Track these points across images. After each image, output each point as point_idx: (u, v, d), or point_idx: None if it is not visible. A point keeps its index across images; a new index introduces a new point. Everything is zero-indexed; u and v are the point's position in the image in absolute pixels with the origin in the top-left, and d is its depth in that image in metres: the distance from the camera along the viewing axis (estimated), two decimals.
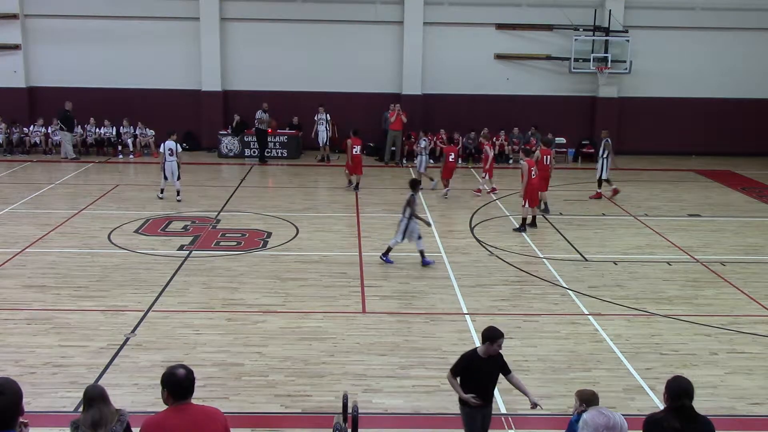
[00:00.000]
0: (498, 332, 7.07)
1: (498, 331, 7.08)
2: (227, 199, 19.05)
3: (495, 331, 7.06)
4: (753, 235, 16.61)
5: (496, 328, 7.11)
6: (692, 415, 5.53)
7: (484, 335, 7.10)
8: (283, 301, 12.09)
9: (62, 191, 19.72)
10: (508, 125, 24.82)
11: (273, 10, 25.03)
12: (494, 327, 7.16)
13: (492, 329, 7.11)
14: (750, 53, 25.56)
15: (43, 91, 25.35)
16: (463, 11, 25.13)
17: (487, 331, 7.12)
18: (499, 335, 7.06)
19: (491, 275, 13.50)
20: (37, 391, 8.85)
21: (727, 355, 10.36)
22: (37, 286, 12.49)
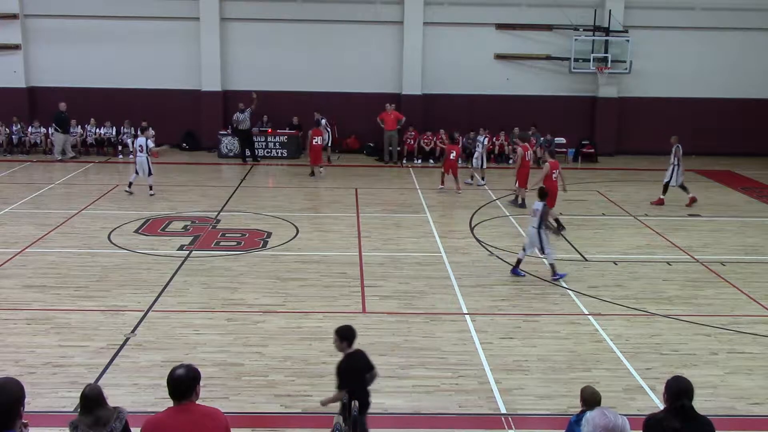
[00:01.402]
0: (353, 330, 7.32)
1: (352, 329, 7.32)
2: (227, 199, 19.05)
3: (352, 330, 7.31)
4: (753, 235, 16.61)
5: (350, 327, 7.35)
6: (692, 415, 5.53)
7: (350, 336, 7.26)
8: (283, 301, 12.09)
9: (62, 191, 19.72)
10: (508, 125, 24.80)
11: (273, 10, 25.03)
12: (350, 326, 7.37)
13: (349, 329, 7.32)
14: (750, 53, 25.56)
15: (43, 91, 25.34)
16: (463, 11, 25.13)
17: (349, 331, 7.30)
18: (355, 333, 7.30)
19: (491, 275, 13.50)
20: (37, 391, 8.85)
21: (727, 355, 10.36)
22: (37, 286, 12.48)
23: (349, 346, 7.27)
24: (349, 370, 7.15)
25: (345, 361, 7.22)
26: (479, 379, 9.53)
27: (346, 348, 7.26)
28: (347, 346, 7.26)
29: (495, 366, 9.85)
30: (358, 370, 7.24)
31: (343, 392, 7.07)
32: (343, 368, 7.17)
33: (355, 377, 7.16)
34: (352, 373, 7.15)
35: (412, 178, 22.31)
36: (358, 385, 7.18)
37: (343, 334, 7.26)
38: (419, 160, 24.69)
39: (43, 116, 24.76)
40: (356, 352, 7.32)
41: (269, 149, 24.83)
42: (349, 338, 7.25)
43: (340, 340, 7.27)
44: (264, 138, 24.79)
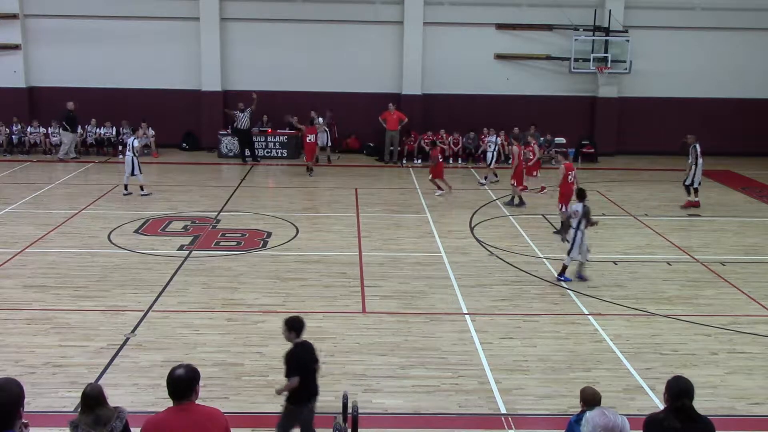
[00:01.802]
0: (302, 321, 7.38)
1: (301, 320, 7.39)
2: (227, 199, 19.05)
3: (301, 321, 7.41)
4: (753, 235, 16.61)
5: (299, 318, 7.43)
6: (692, 415, 5.53)
7: (298, 327, 7.36)
8: (283, 301, 12.09)
9: (62, 191, 19.72)
10: (508, 125, 24.77)
11: (273, 10, 25.02)
12: (298, 317, 7.47)
13: (298, 319, 7.41)
14: (750, 53, 25.55)
15: (43, 91, 25.34)
16: (462, 11, 25.12)
17: (298, 322, 7.40)
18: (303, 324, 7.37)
19: (491, 275, 13.50)
20: (37, 391, 8.86)
21: (727, 355, 10.36)
22: (37, 286, 12.48)
23: (297, 336, 7.41)
24: (296, 359, 7.30)
25: (293, 351, 7.37)
26: (479, 379, 9.53)
27: (294, 338, 7.41)
28: (295, 337, 7.41)
29: (495, 366, 9.85)
30: (306, 360, 7.38)
31: (296, 379, 7.20)
32: (290, 357, 7.31)
33: (303, 366, 7.31)
34: (299, 362, 7.29)
35: (412, 178, 22.31)
36: (306, 374, 7.33)
37: (291, 324, 7.40)
38: (419, 160, 24.69)
39: (43, 116, 24.77)
40: (304, 343, 7.46)
41: (269, 149, 24.82)
42: (297, 329, 7.40)
43: (288, 331, 7.41)
44: (264, 138, 24.79)
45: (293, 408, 7.41)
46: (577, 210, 12.95)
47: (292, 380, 7.20)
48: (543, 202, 19.21)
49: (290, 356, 7.31)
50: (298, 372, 7.22)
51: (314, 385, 7.51)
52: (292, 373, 7.22)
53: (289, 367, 7.26)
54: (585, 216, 12.90)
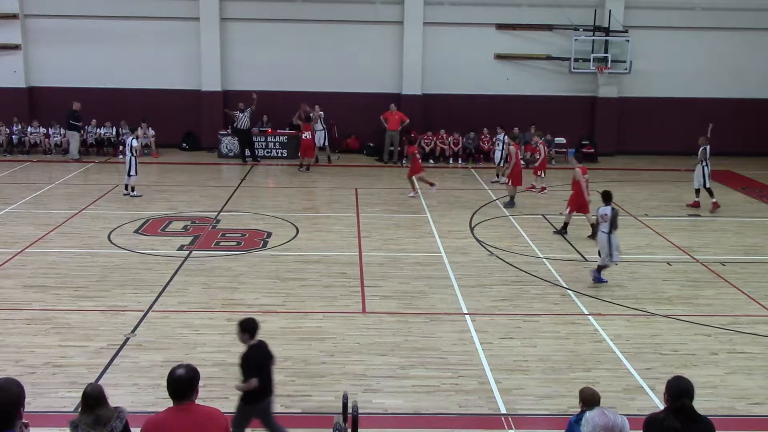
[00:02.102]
0: (255, 322, 7.47)
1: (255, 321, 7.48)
2: (227, 199, 19.05)
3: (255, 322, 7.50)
4: (753, 235, 16.62)
5: (253, 320, 7.51)
6: (692, 415, 5.53)
7: (251, 328, 7.44)
8: (283, 301, 12.09)
9: (62, 191, 19.72)
10: (508, 125, 24.76)
11: (273, 10, 25.02)
12: (252, 318, 7.55)
13: (252, 321, 7.49)
14: (750, 53, 25.55)
15: (43, 91, 25.34)
16: (463, 11, 25.12)
17: (251, 323, 7.48)
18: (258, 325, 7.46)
19: (491, 275, 13.50)
20: (37, 391, 8.85)
21: (727, 355, 10.36)
22: (37, 286, 12.49)
23: (251, 337, 7.45)
24: (252, 361, 7.35)
25: (248, 353, 7.41)
26: (479, 379, 9.53)
27: (248, 340, 7.46)
28: (249, 338, 7.46)
29: (495, 366, 9.86)
30: (261, 361, 7.43)
31: (254, 381, 7.25)
32: (246, 360, 7.37)
33: (259, 367, 7.36)
34: (255, 364, 7.35)
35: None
36: (262, 374, 7.37)
37: (244, 326, 7.46)
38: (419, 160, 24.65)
39: (43, 116, 24.77)
40: (258, 343, 7.51)
41: (269, 149, 24.82)
42: (250, 330, 7.45)
43: (242, 332, 7.47)
44: (264, 138, 24.79)
45: (248, 407, 7.49)
46: (606, 213, 12.74)
47: (251, 382, 7.26)
48: (543, 202, 19.22)
49: (246, 359, 7.37)
50: (255, 373, 7.27)
51: (270, 384, 7.58)
52: (249, 375, 7.28)
53: (246, 369, 7.32)
54: (614, 219, 12.74)
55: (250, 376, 7.27)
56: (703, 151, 18.64)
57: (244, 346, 7.50)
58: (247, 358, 7.37)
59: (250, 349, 7.41)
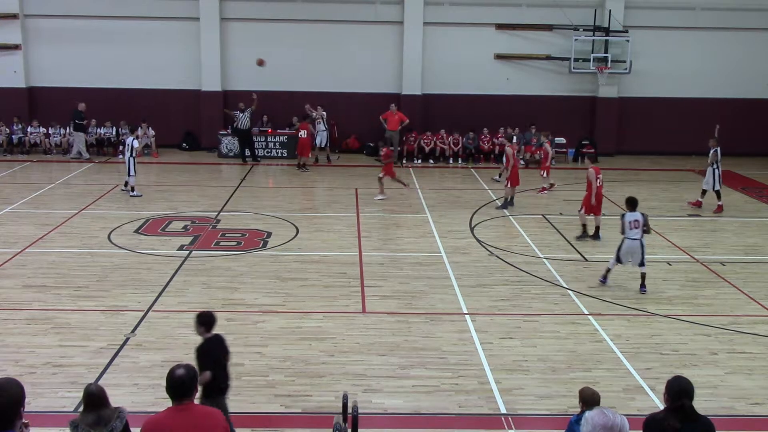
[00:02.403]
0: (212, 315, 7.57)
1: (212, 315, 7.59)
2: (227, 199, 19.05)
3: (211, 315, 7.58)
4: (753, 235, 16.62)
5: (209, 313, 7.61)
6: (692, 415, 5.54)
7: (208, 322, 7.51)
8: (283, 301, 12.09)
9: (62, 191, 19.71)
10: (508, 125, 24.79)
11: (273, 10, 25.02)
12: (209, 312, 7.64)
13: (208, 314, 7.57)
14: (750, 53, 25.55)
15: (43, 91, 25.35)
16: (463, 11, 25.13)
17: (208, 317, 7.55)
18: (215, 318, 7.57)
19: (491, 275, 13.50)
20: (37, 391, 8.85)
21: (727, 355, 10.36)
22: (37, 286, 12.49)
23: (207, 331, 7.51)
24: (207, 354, 7.40)
25: (203, 346, 7.47)
26: (479, 379, 9.53)
27: (205, 333, 7.52)
28: (205, 331, 7.51)
29: (495, 366, 9.86)
30: (216, 354, 7.47)
31: (207, 373, 7.27)
32: (201, 352, 7.42)
33: (214, 360, 7.40)
34: (210, 356, 7.39)
35: (412, 178, 22.29)
36: (217, 367, 7.41)
37: (201, 319, 7.54)
38: (419, 160, 24.70)
39: (43, 116, 24.78)
40: (214, 336, 7.55)
41: (269, 149, 24.82)
42: (206, 324, 7.51)
43: (199, 325, 7.53)
44: (264, 138, 24.79)
45: (206, 402, 7.48)
46: (638, 219, 12.59)
47: (204, 375, 7.29)
48: (544, 203, 19.21)
49: (200, 351, 7.44)
50: (209, 366, 7.32)
51: (226, 378, 7.63)
52: (204, 368, 7.31)
53: (200, 362, 7.36)
54: (645, 224, 12.62)
55: (204, 369, 7.31)
56: (714, 153, 18.53)
57: (201, 338, 7.57)
58: (202, 350, 7.43)
59: (205, 342, 7.49)
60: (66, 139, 24.53)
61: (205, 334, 7.50)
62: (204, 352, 7.40)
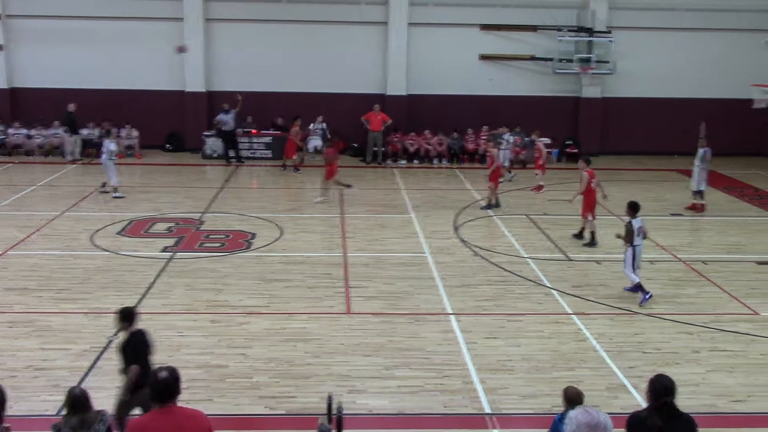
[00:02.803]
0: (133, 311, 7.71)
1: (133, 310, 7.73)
2: (211, 200, 18.98)
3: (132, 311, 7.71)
4: (734, 234, 16.75)
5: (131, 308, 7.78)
6: (675, 413, 5.58)
7: (129, 317, 7.64)
8: (268, 302, 12.06)
9: (44, 193, 19.56)
10: (492, 126, 24.84)
11: (257, 11, 24.95)
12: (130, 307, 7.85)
13: (130, 310, 7.72)
14: (731, 53, 25.74)
15: (26, 92, 25.14)
16: (447, 12, 25.17)
17: (130, 312, 7.68)
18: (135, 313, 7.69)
19: (475, 275, 13.53)
20: (19, 394, 8.77)
21: (708, 353, 10.44)
22: (18, 289, 12.38)
23: (130, 326, 7.58)
24: (131, 349, 7.48)
25: (126, 341, 7.54)
26: (464, 379, 9.55)
27: (127, 328, 7.60)
28: (128, 327, 7.59)
29: (479, 366, 9.88)
30: (139, 348, 7.54)
31: (135, 367, 7.34)
32: (125, 348, 7.50)
33: (137, 354, 7.47)
34: (133, 351, 7.46)
35: (397, 178, 22.32)
36: (141, 361, 7.46)
37: (123, 315, 7.63)
38: (404, 161, 24.72)
39: (26, 117, 24.59)
40: (137, 331, 7.63)
41: (254, 150, 24.75)
42: (128, 319, 7.61)
43: (121, 321, 7.62)
44: (248, 139, 24.72)
45: (133, 396, 7.57)
46: (642, 226, 12.31)
47: (131, 369, 7.36)
48: (525, 203, 19.27)
49: (124, 347, 7.49)
50: (134, 361, 7.38)
51: (149, 371, 7.54)
52: (129, 362, 7.39)
53: (125, 357, 7.44)
54: (642, 231, 12.33)
55: (129, 363, 7.37)
56: (705, 153, 18.59)
57: (124, 334, 7.63)
58: (125, 345, 7.49)
59: (130, 337, 7.54)
60: (49, 140, 24.34)
61: (128, 329, 7.57)
62: (128, 347, 7.47)
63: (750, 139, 26.23)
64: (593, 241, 15.46)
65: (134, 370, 7.29)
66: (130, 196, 19.00)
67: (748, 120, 25.22)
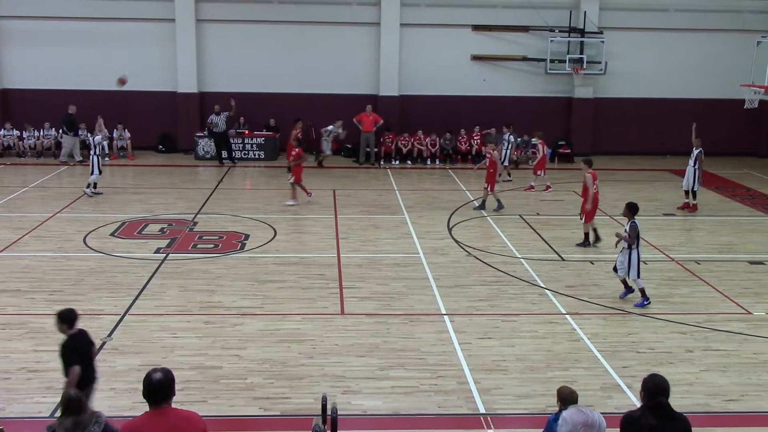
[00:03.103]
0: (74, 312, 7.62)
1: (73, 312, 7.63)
2: (204, 201, 18.94)
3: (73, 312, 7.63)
4: (727, 234, 16.82)
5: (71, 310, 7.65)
6: (669, 413, 5.59)
7: (69, 319, 7.58)
8: (262, 303, 12.05)
9: (36, 194, 19.48)
10: (485, 126, 24.88)
11: (249, 12, 24.92)
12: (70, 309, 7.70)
13: (70, 312, 7.63)
14: (722, 54, 25.84)
15: (17, 93, 25.04)
16: (439, 13, 25.20)
17: (70, 314, 7.61)
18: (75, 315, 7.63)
19: (469, 276, 13.55)
20: (12, 396, 8.76)
21: (702, 353, 10.48)
22: (11, 291, 12.33)
23: (70, 328, 7.57)
24: (72, 350, 7.46)
25: (67, 342, 7.53)
26: (458, 379, 9.56)
27: (67, 330, 7.57)
28: (68, 329, 7.57)
29: (474, 366, 9.89)
30: (81, 350, 7.53)
31: (77, 368, 7.34)
32: (65, 349, 7.48)
33: (79, 356, 7.45)
34: (75, 353, 7.45)
35: (390, 179, 22.33)
36: (83, 362, 7.46)
37: (63, 317, 7.60)
38: (397, 162, 24.73)
39: (16, 118, 24.49)
40: (78, 332, 7.62)
41: (246, 151, 24.73)
42: (68, 321, 7.58)
43: (60, 323, 7.60)
44: (241, 140, 24.69)
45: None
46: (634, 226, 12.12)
47: (73, 369, 7.35)
48: (518, 203, 19.30)
49: (65, 348, 7.49)
50: (76, 361, 7.38)
51: (92, 371, 7.70)
52: (70, 363, 7.38)
53: (66, 359, 7.43)
54: (638, 233, 12.11)
55: (70, 365, 7.37)
56: (700, 153, 18.66)
57: (64, 336, 7.60)
58: (66, 347, 7.48)
59: (70, 339, 7.54)
60: (41, 141, 24.27)
61: (68, 331, 7.56)
62: (70, 348, 7.46)
63: (741, 139, 26.36)
64: (588, 242, 15.50)
65: (75, 371, 7.31)
66: (123, 197, 18.95)
67: (740, 120, 25.33)
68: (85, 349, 7.57)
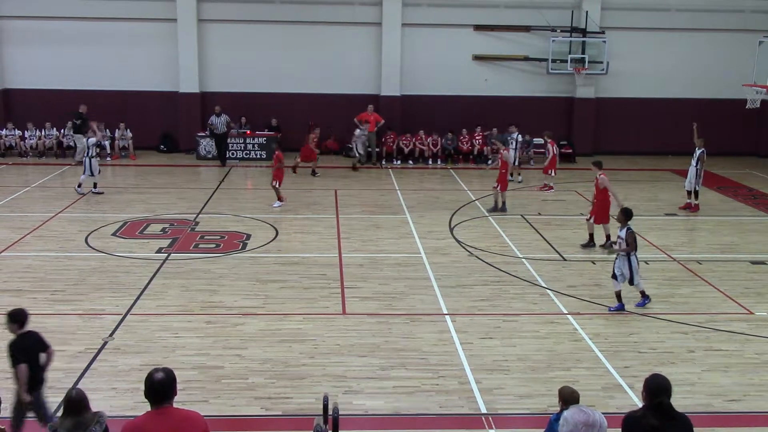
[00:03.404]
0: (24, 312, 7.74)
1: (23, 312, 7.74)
2: (206, 201, 18.95)
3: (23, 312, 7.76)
4: (729, 234, 16.80)
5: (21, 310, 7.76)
6: (670, 413, 5.58)
7: (19, 318, 7.68)
8: (263, 303, 12.05)
9: (38, 194, 19.50)
10: (486, 126, 24.88)
11: (250, 12, 24.93)
12: (20, 309, 7.81)
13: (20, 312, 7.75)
14: (724, 54, 25.81)
15: (18, 93, 25.05)
16: (441, 12, 25.18)
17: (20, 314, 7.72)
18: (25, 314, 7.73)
19: (471, 276, 13.54)
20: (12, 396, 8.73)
21: (703, 353, 10.48)
22: (13, 291, 12.35)
23: (21, 328, 7.66)
24: (19, 349, 7.55)
25: (15, 341, 7.62)
26: (459, 379, 9.56)
27: (17, 330, 7.66)
28: (18, 328, 7.66)
29: (475, 366, 9.89)
30: (30, 349, 7.61)
31: (23, 366, 7.42)
32: (13, 348, 7.57)
33: (27, 355, 7.54)
34: (23, 352, 7.53)
35: (391, 179, 22.33)
36: (31, 361, 7.54)
37: (13, 317, 7.69)
38: (398, 161, 24.72)
39: (18, 118, 24.50)
40: (28, 332, 7.71)
41: (248, 151, 24.73)
42: (18, 321, 7.68)
43: (11, 323, 7.68)
44: (242, 140, 24.69)
45: (30, 395, 7.63)
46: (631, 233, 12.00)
47: (20, 368, 7.39)
48: (520, 203, 19.28)
49: (12, 347, 7.55)
50: (23, 360, 7.44)
51: (41, 372, 7.74)
52: (17, 363, 7.43)
53: (13, 357, 7.49)
54: (634, 239, 11.94)
55: (18, 363, 7.42)
56: (702, 153, 18.63)
57: (13, 336, 7.67)
58: (14, 346, 7.54)
59: (19, 338, 7.60)
60: (43, 141, 24.29)
61: (18, 330, 7.63)
62: (18, 347, 7.52)
63: (743, 139, 26.35)
64: (591, 243, 15.45)
65: (22, 369, 7.36)
66: (125, 197, 18.96)
67: (741, 120, 25.31)
68: (34, 350, 7.62)
